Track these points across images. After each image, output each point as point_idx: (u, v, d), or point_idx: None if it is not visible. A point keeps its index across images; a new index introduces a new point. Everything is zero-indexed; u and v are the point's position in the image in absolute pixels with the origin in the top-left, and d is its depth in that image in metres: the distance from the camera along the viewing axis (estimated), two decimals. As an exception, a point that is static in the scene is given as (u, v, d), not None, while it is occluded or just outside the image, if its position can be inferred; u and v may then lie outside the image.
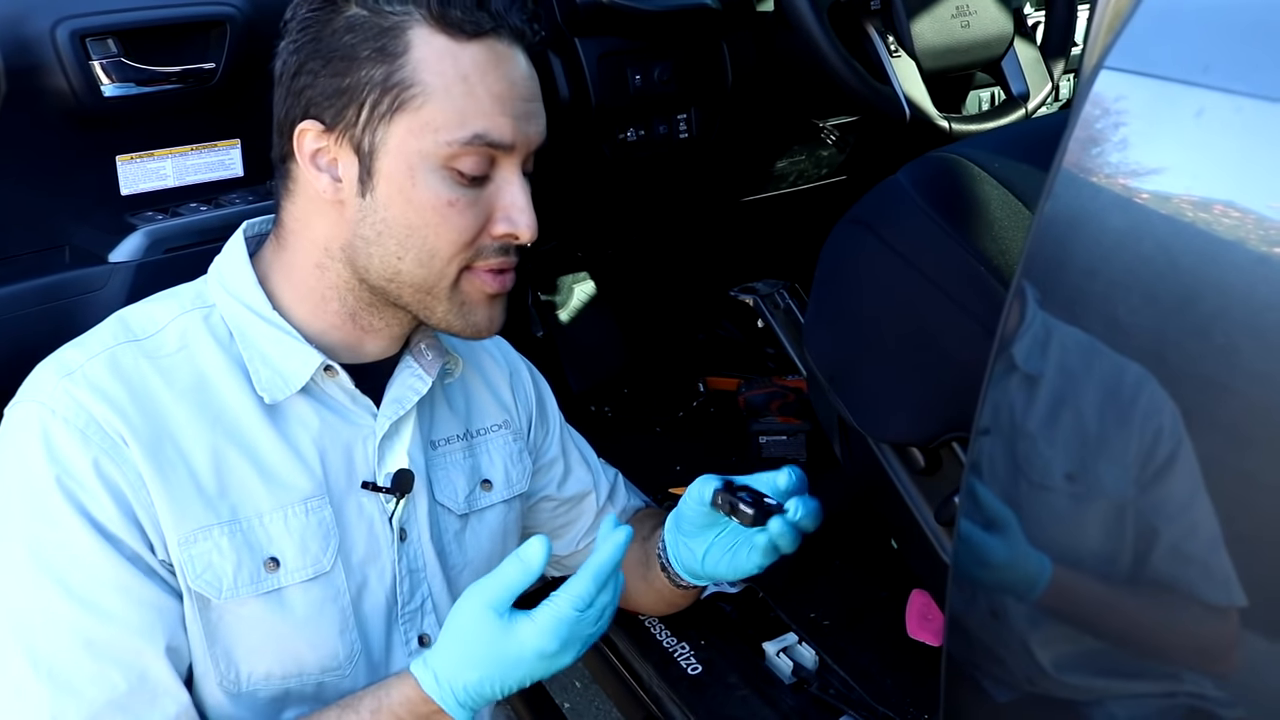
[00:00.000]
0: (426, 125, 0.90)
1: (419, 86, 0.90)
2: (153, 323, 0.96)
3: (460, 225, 0.93)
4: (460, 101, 0.90)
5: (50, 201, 1.28)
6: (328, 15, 0.91)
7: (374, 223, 0.93)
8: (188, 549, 0.90)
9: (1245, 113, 0.61)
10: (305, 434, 0.97)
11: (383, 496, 1.00)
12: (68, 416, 0.89)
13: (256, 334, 0.96)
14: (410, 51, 0.90)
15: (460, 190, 0.92)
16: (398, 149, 0.91)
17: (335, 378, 0.98)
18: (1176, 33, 0.66)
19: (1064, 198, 0.70)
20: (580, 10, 1.60)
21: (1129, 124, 0.67)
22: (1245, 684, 0.67)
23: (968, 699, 0.91)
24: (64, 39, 1.22)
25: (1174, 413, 0.65)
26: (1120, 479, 0.69)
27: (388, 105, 0.90)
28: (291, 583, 0.95)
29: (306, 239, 0.97)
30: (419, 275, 0.95)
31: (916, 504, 1.25)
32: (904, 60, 1.64)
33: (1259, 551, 0.63)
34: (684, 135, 1.77)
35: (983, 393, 0.77)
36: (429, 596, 1.05)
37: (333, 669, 0.98)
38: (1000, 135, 1.56)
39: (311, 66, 0.92)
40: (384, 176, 0.92)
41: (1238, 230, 0.61)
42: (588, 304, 2.15)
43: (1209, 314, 0.61)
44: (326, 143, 0.93)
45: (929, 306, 1.15)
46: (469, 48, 0.91)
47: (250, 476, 0.94)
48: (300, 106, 0.93)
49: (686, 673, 1.44)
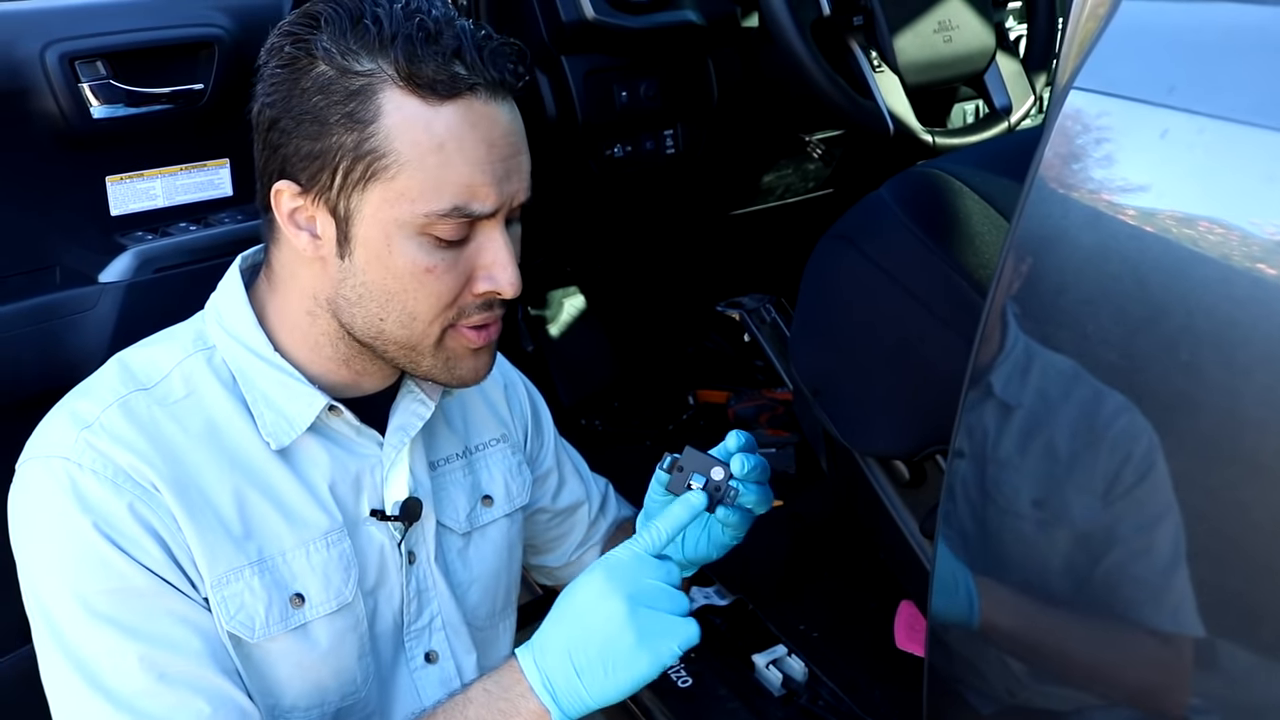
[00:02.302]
0: (401, 195, 0.87)
1: (392, 156, 0.86)
2: (157, 369, 0.94)
3: (439, 290, 0.91)
4: (436, 172, 0.86)
5: (40, 222, 1.29)
6: (295, 74, 0.87)
7: (354, 285, 0.91)
8: (220, 590, 0.90)
9: (1208, 134, 0.62)
10: (317, 471, 0.97)
11: (391, 525, 1.01)
12: (96, 469, 0.87)
13: (259, 376, 0.95)
14: (381, 118, 0.85)
15: (439, 255, 0.89)
16: (373, 216, 0.88)
17: (340, 415, 0.98)
18: (1142, 54, 0.68)
19: (1035, 216, 0.71)
20: (566, 29, 1.61)
21: (1097, 144, 0.69)
22: (1216, 696, 0.68)
23: (950, 710, 0.92)
24: (53, 62, 1.23)
25: (1143, 431, 0.66)
26: (1088, 499, 0.70)
27: (360, 173, 0.87)
28: (316, 617, 0.95)
29: (295, 286, 0.95)
30: (401, 335, 0.93)
31: (901, 516, 1.26)
32: (887, 75, 1.65)
33: (1222, 567, 0.64)
34: (670, 151, 1.78)
35: (959, 412, 0.78)
36: (438, 614, 1.06)
37: (351, 693, 0.99)
38: (982, 149, 1.58)
39: (284, 125, 0.88)
40: (360, 243, 0.89)
41: (1203, 249, 0.62)
42: (577, 318, 2.16)
43: (1175, 330, 0.63)
44: (303, 203, 0.90)
45: (911, 320, 1.16)
46: (443, 111, 0.85)
47: (272, 515, 0.94)
48: (276, 163, 0.90)
49: (676, 685, 1.45)
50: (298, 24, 0.88)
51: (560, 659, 0.85)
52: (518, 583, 1.19)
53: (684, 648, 0.85)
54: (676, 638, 0.85)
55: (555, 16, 1.61)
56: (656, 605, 0.85)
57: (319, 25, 0.87)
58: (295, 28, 0.88)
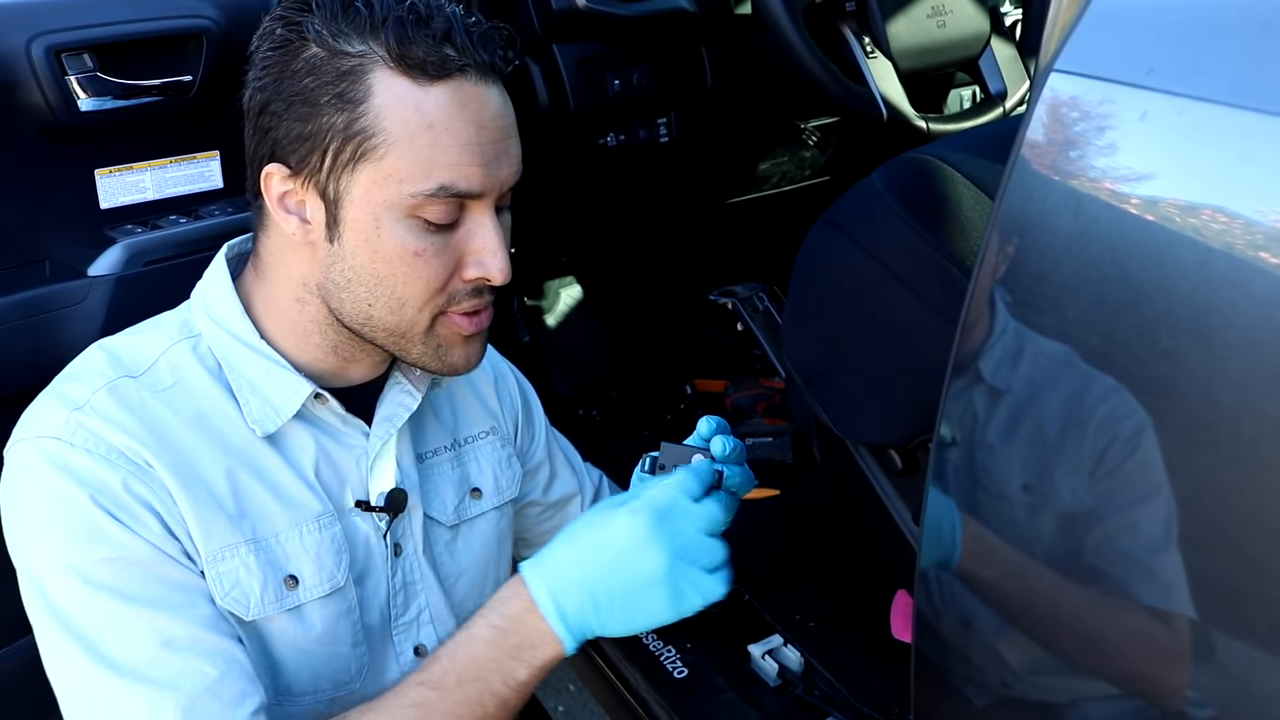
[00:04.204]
0: (390, 176, 0.87)
1: (381, 136, 0.86)
2: (143, 356, 0.94)
3: (428, 274, 0.91)
4: (425, 152, 0.86)
5: (29, 216, 1.29)
6: (286, 56, 0.88)
7: (343, 269, 0.91)
8: (216, 567, 0.90)
9: (1187, 115, 0.61)
10: (305, 457, 0.98)
11: (376, 515, 1.01)
12: (89, 447, 0.87)
13: (244, 364, 0.95)
14: (371, 98, 0.86)
15: (428, 239, 0.89)
16: (362, 198, 0.88)
17: (326, 404, 0.98)
18: (1122, 35, 0.67)
19: (1016, 201, 0.70)
20: (557, 16, 1.60)
21: (1077, 126, 0.68)
22: (1209, 684, 0.67)
23: (938, 698, 0.92)
24: (39, 54, 1.23)
25: (1128, 417, 0.65)
26: (1073, 481, 0.69)
27: (350, 154, 0.87)
28: (310, 599, 0.95)
29: (283, 273, 0.96)
30: (390, 321, 0.93)
31: (894, 505, 1.25)
32: (880, 61, 1.64)
33: (1205, 551, 0.63)
34: (664, 139, 1.78)
35: (942, 398, 0.78)
36: (426, 608, 1.06)
37: (344, 682, 0.99)
38: (975, 135, 1.57)
39: (275, 108, 0.89)
40: (349, 225, 0.89)
41: (1182, 233, 0.61)
42: (574, 308, 2.16)
43: (1155, 317, 0.62)
44: (293, 186, 0.90)
45: (902, 308, 1.15)
46: (433, 91, 0.86)
47: (264, 497, 0.94)
48: (266, 147, 0.90)
49: (673, 676, 1.45)
50: (290, 8, 0.89)
51: (579, 592, 0.86)
52: (508, 576, 1.18)
53: (708, 603, 0.86)
54: (704, 595, 0.86)
55: (546, 4, 1.60)
56: (696, 561, 0.86)
57: (310, 8, 0.88)
58: (287, 11, 0.89)
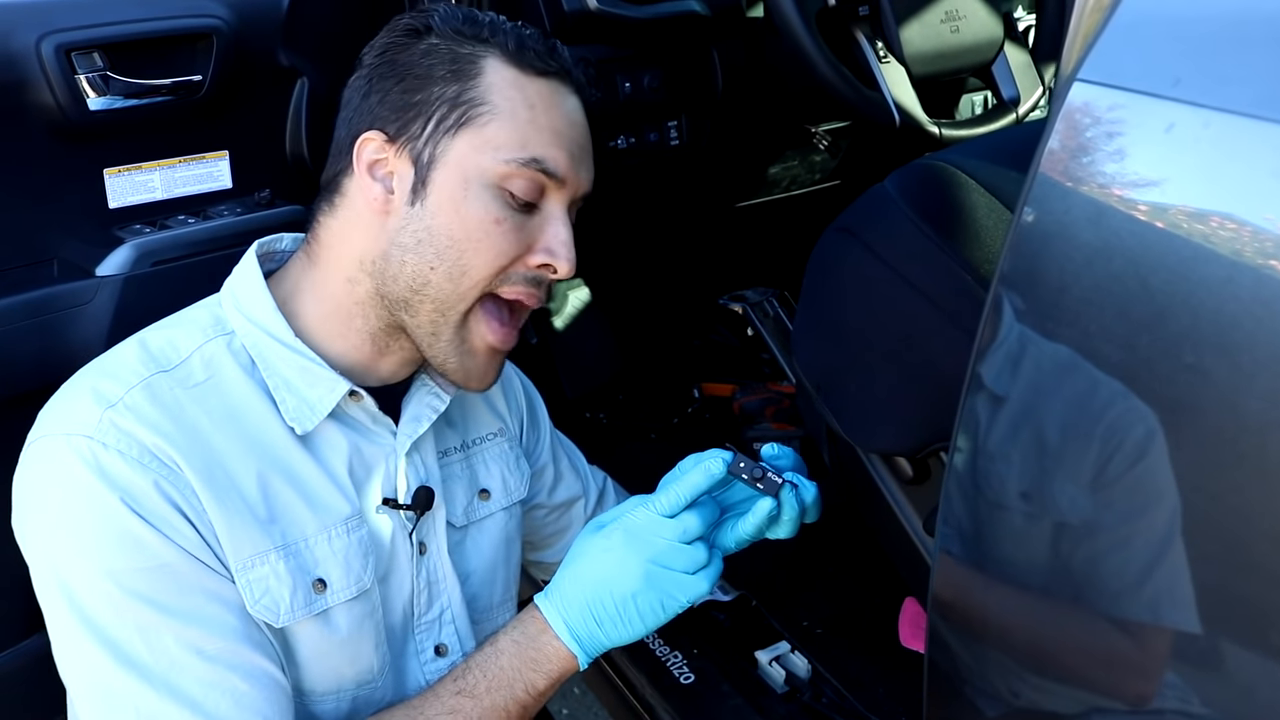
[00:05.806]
0: (489, 142, 0.94)
1: (488, 106, 0.95)
2: (176, 351, 0.95)
3: (501, 247, 0.96)
4: (524, 126, 0.95)
5: (38, 215, 1.28)
6: (408, 42, 0.98)
7: (416, 230, 0.95)
8: (246, 574, 0.91)
9: (1214, 127, 0.60)
10: (337, 456, 0.98)
11: (403, 513, 1.01)
12: (121, 448, 0.87)
13: (280, 361, 0.96)
14: (483, 75, 0.95)
15: (509, 212, 0.95)
16: (457, 162, 0.95)
17: (360, 401, 0.99)
18: (1147, 46, 0.66)
19: (1037, 212, 0.70)
20: (569, 18, 1.60)
21: (1100, 137, 0.67)
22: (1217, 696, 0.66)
23: (950, 708, 0.91)
24: (49, 53, 1.22)
25: (1145, 430, 0.64)
26: (1079, 496, 0.69)
27: (455, 120, 0.95)
28: (337, 603, 0.96)
29: (342, 252, 0.99)
30: (445, 290, 0.96)
31: (905, 513, 1.24)
32: (893, 66, 1.63)
33: (1216, 566, 0.62)
34: (675, 142, 1.77)
35: (960, 407, 0.77)
36: (448, 607, 1.06)
37: (366, 682, 1.00)
38: (988, 141, 1.56)
39: (383, 86, 0.97)
40: (437, 186, 0.95)
41: (1208, 246, 0.60)
42: (582, 311, 2.15)
43: (1179, 332, 0.61)
44: (387, 154, 0.96)
45: (915, 315, 1.14)
46: (536, 82, 0.97)
47: (294, 500, 0.95)
48: (365, 120, 0.97)
49: (679, 682, 1.44)
50: (413, 16, 1.00)
51: (582, 611, 0.96)
52: (517, 577, 1.18)
53: (692, 602, 0.96)
54: (686, 593, 0.96)
55: (558, 6, 1.59)
56: (671, 565, 0.95)
57: (434, 17, 0.99)
58: (411, 20, 0.99)
